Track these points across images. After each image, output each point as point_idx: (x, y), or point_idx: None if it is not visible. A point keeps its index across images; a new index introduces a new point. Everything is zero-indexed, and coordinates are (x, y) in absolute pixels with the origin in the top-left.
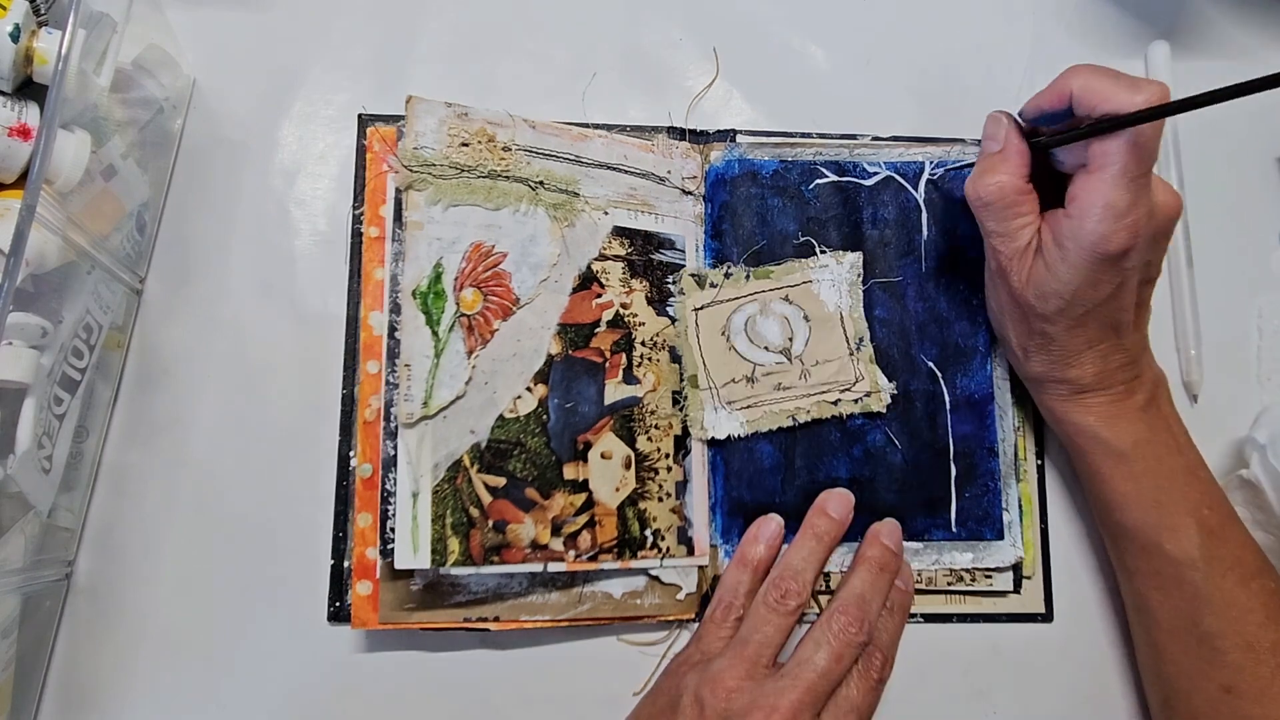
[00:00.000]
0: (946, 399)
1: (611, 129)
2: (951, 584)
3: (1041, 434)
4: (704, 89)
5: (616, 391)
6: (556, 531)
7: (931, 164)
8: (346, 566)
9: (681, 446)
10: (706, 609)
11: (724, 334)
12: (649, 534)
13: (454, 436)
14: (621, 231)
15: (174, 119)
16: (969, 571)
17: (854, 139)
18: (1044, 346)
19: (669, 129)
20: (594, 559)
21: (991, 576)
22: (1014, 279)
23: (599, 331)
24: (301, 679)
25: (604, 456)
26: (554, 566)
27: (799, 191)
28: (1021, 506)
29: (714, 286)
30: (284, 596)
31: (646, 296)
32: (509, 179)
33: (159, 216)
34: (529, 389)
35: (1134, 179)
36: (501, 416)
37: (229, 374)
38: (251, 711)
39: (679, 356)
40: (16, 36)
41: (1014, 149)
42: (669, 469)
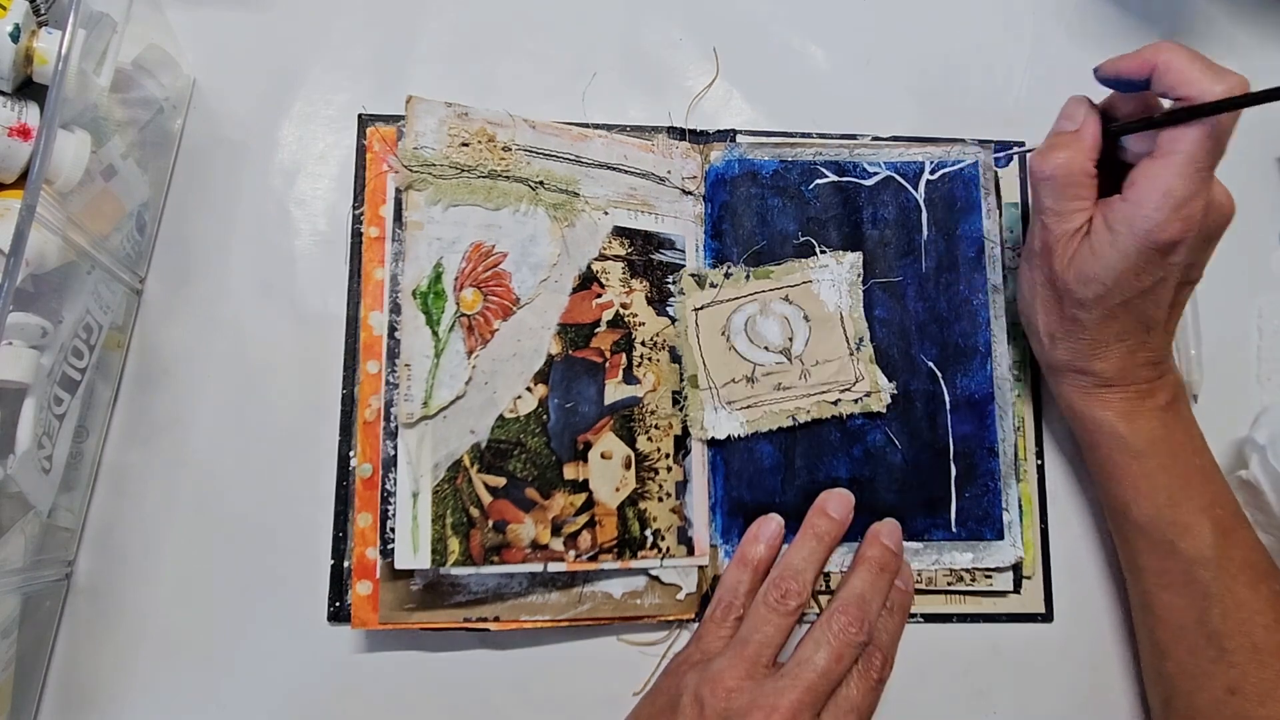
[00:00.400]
0: (946, 399)
1: (611, 129)
2: (951, 584)
3: (1041, 434)
4: (704, 89)
5: (616, 391)
6: (556, 531)
7: (931, 164)
8: (346, 566)
9: (681, 446)
10: (706, 609)
11: (724, 334)
12: (649, 534)
13: (454, 436)
14: (621, 231)
15: (174, 119)
16: (969, 571)
17: (854, 139)
18: (1073, 333)
19: (669, 129)
20: (594, 559)
21: (991, 576)
22: (1057, 260)
23: (599, 331)
24: (301, 679)
25: (604, 456)
26: (554, 566)
27: (799, 191)
28: (1021, 506)
29: (714, 286)
30: (284, 596)
31: (646, 296)
32: (509, 179)
33: (159, 216)
34: (529, 389)
35: (1199, 169)
36: (501, 416)
37: (229, 374)
38: (251, 711)
39: (679, 356)
40: (16, 36)
41: (1090, 131)
42: (669, 469)
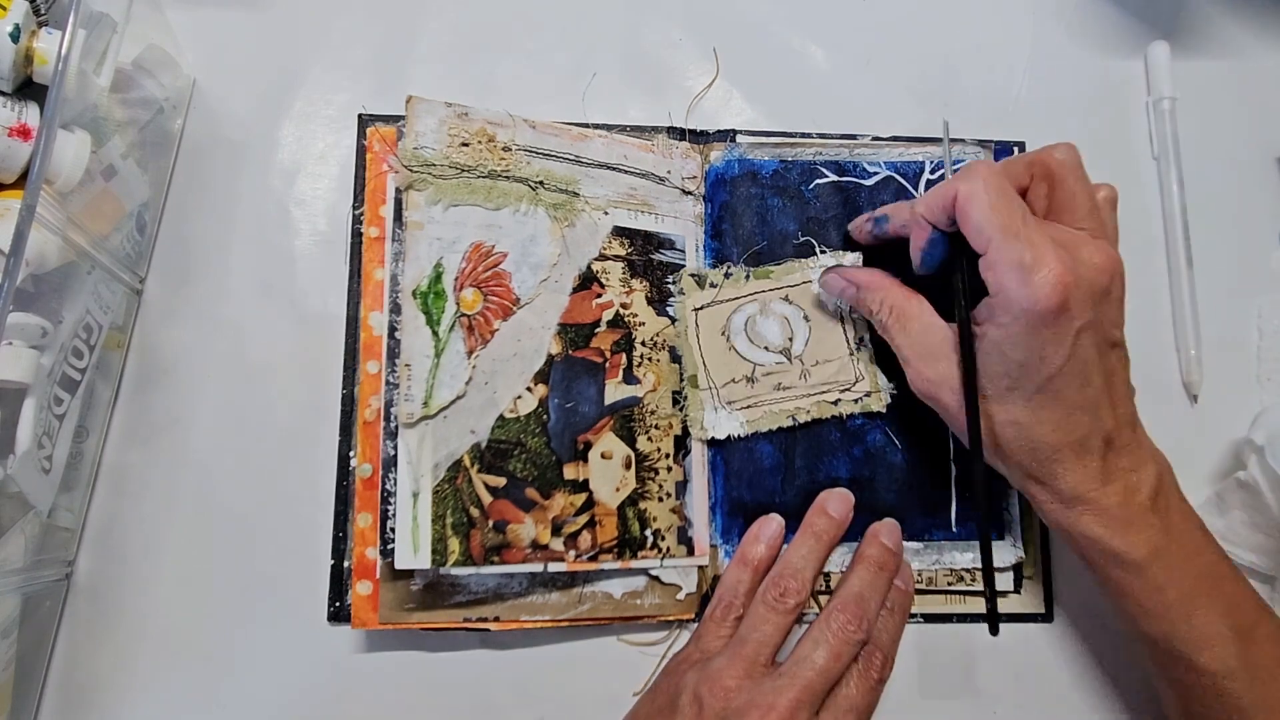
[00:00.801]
0: None
1: (611, 129)
2: (951, 584)
3: None
4: (704, 89)
5: (616, 391)
6: (557, 531)
7: (931, 164)
8: (346, 566)
9: (681, 446)
10: (706, 608)
11: (724, 334)
12: (649, 534)
13: (454, 436)
14: (621, 231)
15: (174, 119)
16: (969, 571)
17: (854, 139)
18: (1016, 439)
19: (669, 129)
20: (594, 559)
21: None
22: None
23: (599, 331)
24: (301, 679)
25: (604, 456)
26: (554, 566)
27: (799, 191)
28: (1022, 506)
29: (714, 286)
30: (284, 596)
31: (646, 296)
32: (509, 179)
33: (159, 216)
34: (529, 389)
35: (1016, 234)
36: (502, 416)
37: (229, 374)
38: (251, 711)
39: (679, 356)
40: (16, 36)
41: (877, 281)
42: (669, 469)
